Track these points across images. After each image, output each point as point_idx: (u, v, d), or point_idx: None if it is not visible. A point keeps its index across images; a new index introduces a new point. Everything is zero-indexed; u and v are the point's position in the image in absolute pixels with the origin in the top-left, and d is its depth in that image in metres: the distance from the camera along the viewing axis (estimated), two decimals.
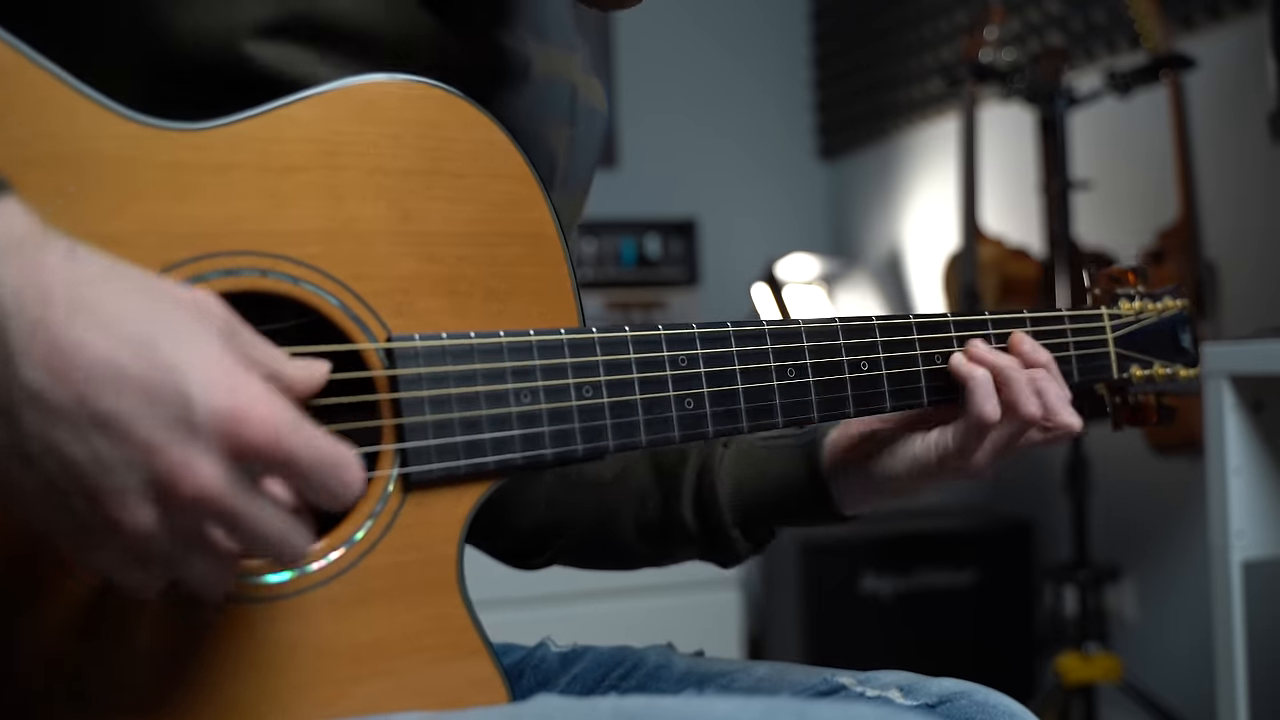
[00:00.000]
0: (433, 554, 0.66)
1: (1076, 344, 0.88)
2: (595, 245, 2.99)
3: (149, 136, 0.60)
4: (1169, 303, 0.93)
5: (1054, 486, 2.56)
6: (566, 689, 0.87)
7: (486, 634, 0.68)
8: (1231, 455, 1.48)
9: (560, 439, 0.69)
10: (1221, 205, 2.18)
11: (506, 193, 0.70)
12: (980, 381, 0.78)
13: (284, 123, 0.64)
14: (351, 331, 0.64)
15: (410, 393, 0.65)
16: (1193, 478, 2.16)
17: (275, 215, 0.63)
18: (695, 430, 0.73)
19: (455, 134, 0.69)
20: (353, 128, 0.66)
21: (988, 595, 2.70)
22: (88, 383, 0.47)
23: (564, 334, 0.70)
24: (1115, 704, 2.40)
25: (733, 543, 0.86)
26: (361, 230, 0.65)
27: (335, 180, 0.65)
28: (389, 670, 0.64)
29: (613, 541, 0.91)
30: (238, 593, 0.60)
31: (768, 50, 3.61)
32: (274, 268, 0.62)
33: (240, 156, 0.62)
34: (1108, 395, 0.93)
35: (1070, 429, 0.81)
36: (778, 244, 3.47)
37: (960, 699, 0.75)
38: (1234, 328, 2.10)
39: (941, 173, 3.05)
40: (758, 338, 0.76)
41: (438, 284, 0.68)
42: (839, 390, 0.78)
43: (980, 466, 0.81)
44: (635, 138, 3.46)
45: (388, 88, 0.67)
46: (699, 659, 0.87)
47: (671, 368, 0.73)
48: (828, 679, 0.79)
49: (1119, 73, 2.10)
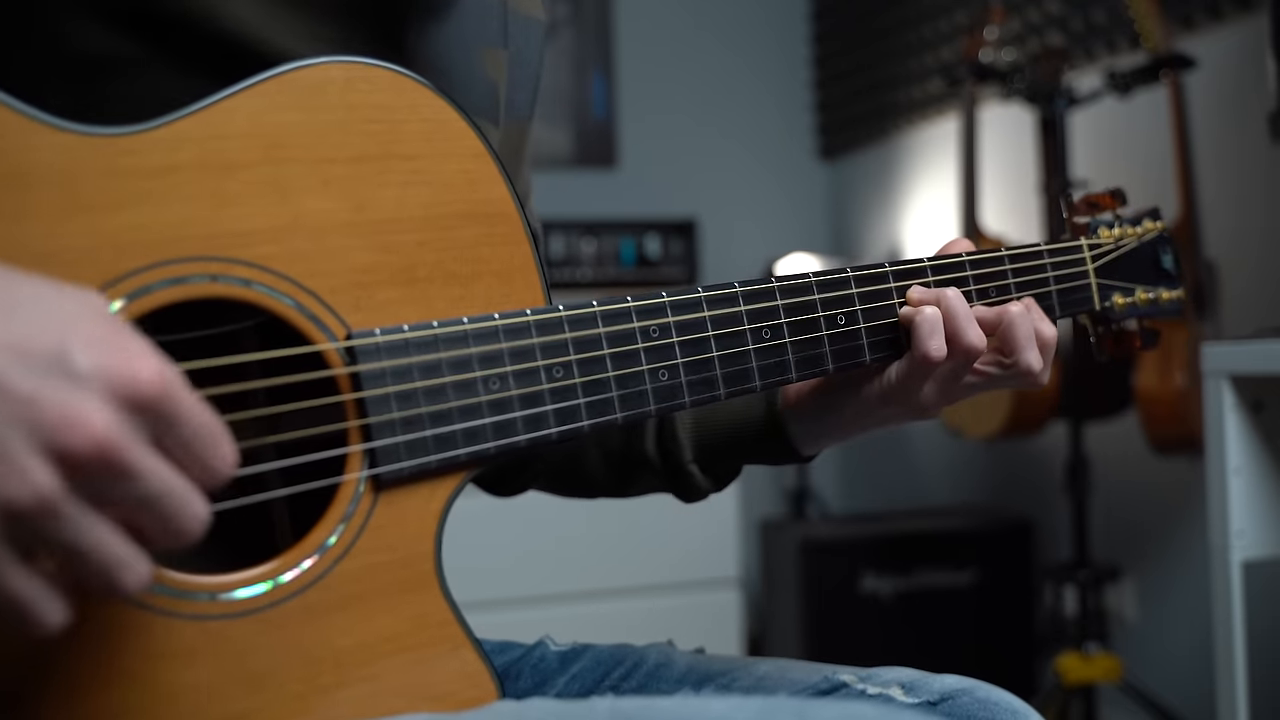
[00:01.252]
0: (409, 552, 0.65)
1: (1056, 278, 0.86)
2: (595, 245, 2.99)
3: (83, 145, 0.57)
4: (1149, 225, 0.92)
5: (1054, 486, 2.56)
6: (566, 688, 0.86)
7: (469, 626, 0.67)
8: (1231, 455, 1.48)
9: (533, 423, 0.67)
10: (1221, 205, 2.18)
11: (461, 172, 0.68)
12: (925, 318, 0.77)
13: (223, 117, 0.61)
14: (309, 331, 0.62)
15: (374, 390, 0.63)
16: (1193, 478, 2.16)
17: (222, 216, 0.60)
18: (671, 401, 0.72)
19: (404, 115, 0.66)
20: (296, 117, 0.63)
21: (988, 595, 2.70)
22: None
23: (530, 315, 0.68)
24: (1115, 704, 2.40)
25: (690, 477, 0.87)
26: (313, 224, 0.63)
27: (281, 174, 0.62)
28: (372, 674, 0.63)
29: (581, 471, 0.92)
30: (213, 610, 0.59)
31: (768, 50, 3.61)
32: (224, 272, 0.60)
33: (180, 157, 0.60)
34: (1090, 326, 0.92)
35: (1031, 369, 0.80)
36: (778, 244, 3.47)
37: (962, 696, 0.75)
38: (1234, 328, 2.10)
39: (941, 173, 3.05)
40: (730, 300, 0.74)
41: (396, 273, 0.65)
42: (816, 347, 0.77)
43: (928, 404, 0.80)
44: (635, 138, 3.46)
45: (329, 72, 0.64)
46: (699, 656, 0.87)
47: (643, 339, 0.71)
48: (829, 676, 0.79)
49: (1119, 73, 2.10)
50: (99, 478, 0.46)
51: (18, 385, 0.45)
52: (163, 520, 0.49)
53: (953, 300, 0.78)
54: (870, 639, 2.64)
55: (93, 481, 0.46)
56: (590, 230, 2.99)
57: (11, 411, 0.44)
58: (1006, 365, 0.80)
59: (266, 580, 0.61)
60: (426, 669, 0.65)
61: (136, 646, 0.57)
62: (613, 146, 3.42)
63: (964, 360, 0.78)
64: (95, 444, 0.45)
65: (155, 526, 0.49)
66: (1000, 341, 0.80)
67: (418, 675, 0.65)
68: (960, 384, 0.80)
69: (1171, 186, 2.13)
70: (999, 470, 2.96)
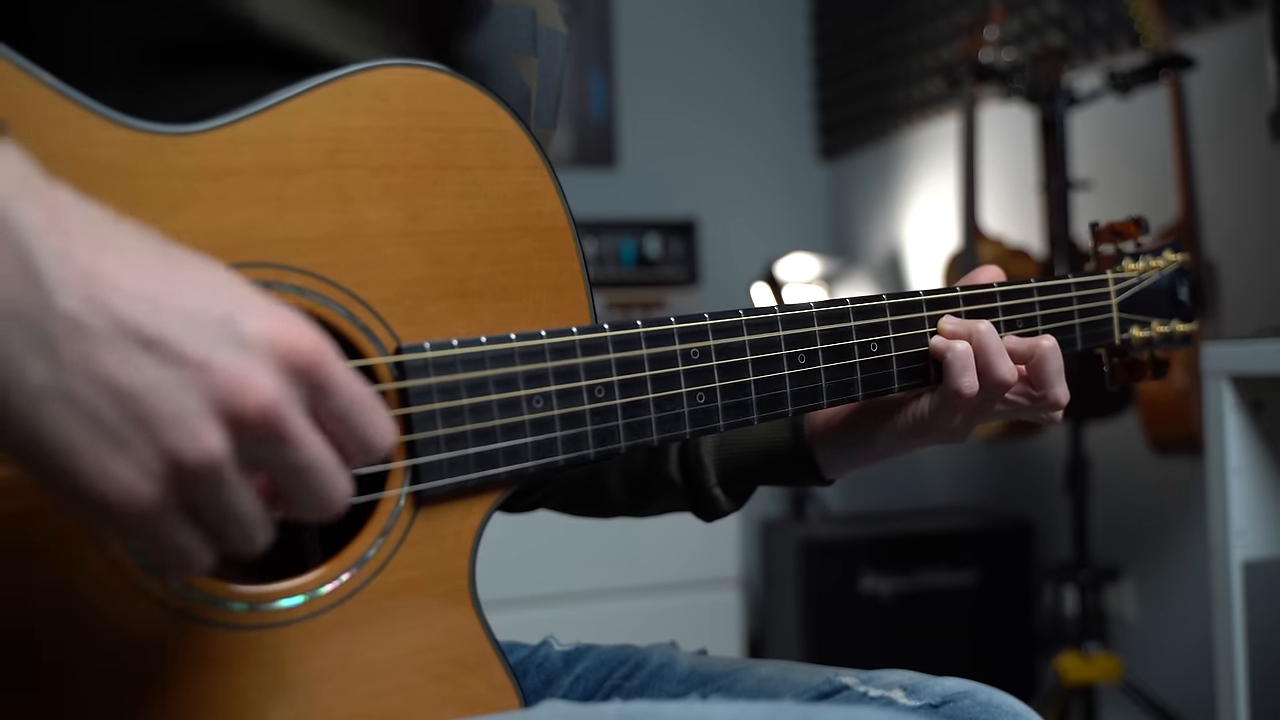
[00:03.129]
0: (445, 568, 0.65)
1: (1081, 311, 0.87)
2: (595, 245, 2.99)
3: (142, 143, 0.56)
4: (1170, 257, 0.93)
5: (1054, 486, 2.56)
6: (570, 688, 0.87)
7: (496, 640, 0.67)
8: (1231, 455, 1.48)
9: (572, 444, 0.67)
10: (1221, 205, 2.18)
11: (517, 184, 0.68)
12: (958, 354, 0.78)
13: (285, 119, 0.60)
14: (360, 342, 0.62)
15: (421, 406, 0.63)
16: (1193, 478, 2.16)
17: (280, 221, 0.60)
18: (706, 424, 0.72)
19: (463, 123, 0.66)
20: (358, 122, 0.62)
21: (988, 595, 2.70)
22: (128, 308, 0.45)
23: (576, 334, 0.68)
24: (1115, 704, 2.40)
25: (714, 500, 0.87)
26: (369, 233, 0.63)
27: (341, 180, 0.62)
28: (403, 686, 0.64)
29: (598, 492, 0.92)
30: (251, 620, 0.59)
31: (768, 50, 3.61)
32: (279, 279, 0.60)
33: (241, 160, 0.59)
34: (1105, 356, 0.93)
35: (1059, 403, 0.81)
36: (778, 244, 3.47)
37: (964, 699, 0.75)
38: (1234, 328, 2.10)
39: (941, 173, 3.05)
40: (769, 325, 0.74)
41: (448, 285, 0.65)
42: (848, 374, 0.77)
43: (957, 431, 0.81)
44: (635, 138, 3.46)
45: (393, 76, 0.64)
46: (702, 658, 0.87)
47: (683, 361, 0.71)
48: (831, 679, 0.79)
49: (1119, 73, 2.10)
50: (260, 442, 0.47)
51: (192, 350, 0.46)
52: (309, 488, 0.50)
53: (985, 335, 0.78)
54: (870, 639, 2.64)
55: (252, 446, 0.47)
56: (590, 230, 2.99)
57: (183, 375, 0.46)
58: (1035, 397, 0.81)
59: (304, 592, 0.61)
60: (457, 683, 0.65)
61: (175, 655, 0.57)
62: (613, 146, 3.42)
63: (995, 393, 0.79)
64: (262, 408, 0.46)
65: (301, 494, 0.50)
66: (1031, 374, 0.81)
67: (448, 689, 0.65)
68: (988, 412, 0.81)
69: (1171, 186, 2.13)
70: (999, 470, 2.96)
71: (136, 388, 0.45)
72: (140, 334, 0.45)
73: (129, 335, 0.45)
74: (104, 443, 0.45)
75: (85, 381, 0.45)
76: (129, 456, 0.45)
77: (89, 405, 0.45)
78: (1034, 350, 0.80)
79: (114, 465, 0.45)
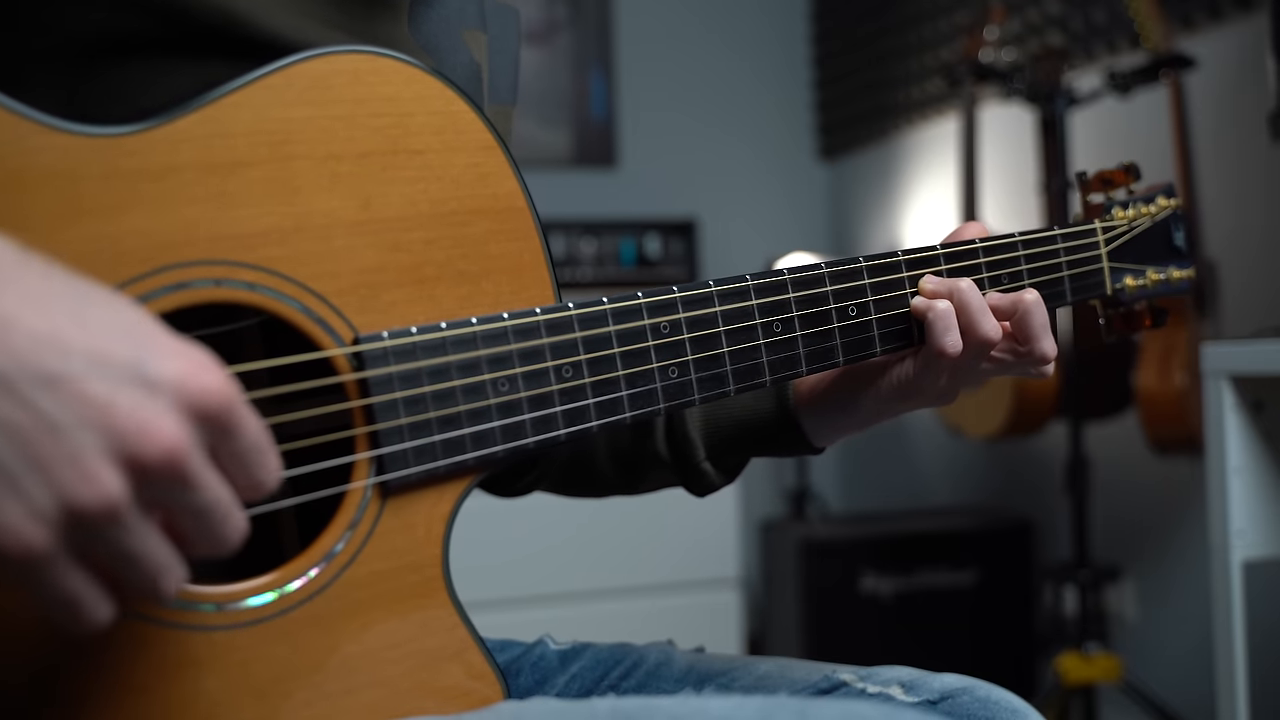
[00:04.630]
0: (417, 558, 0.65)
1: (1069, 263, 0.85)
2: (595, 245, 2.99)
3: (81, 146, 0.55)
4: (1162, 202, 0.91)
5: (1054, 486, 2.56)
6: (566, 687, 0.86)
7: (475, 628, 0.67)
8: (1231, 455, 1.48)
9: (542, 425, 0.66)
10: (1221, 205, 2.18)
11: (471, 166, 0.66)
12: (939, 313, 0.76)
13: (226, 114, 0.59)
14: (316, 335, 0.61)
15: (382, 396, 0.62)
16: (1193, 478, 2.16)
17: (226, 218, 0.59)
18: (680, 399, 0.71)
19: (411, 108, 0.64)
20: (302, 112, 0.61)
21: (988, 595, 2.70)
22: (31, 348, 0.44)
23: (540, 314, 0.66)
24: (1115, 704, 2.40)
25: (704, 475, 0.86)
26: (319, 224, 0.61)
27: (287, 172, 0.61)
28: (381, 679, 0.63)
29: (589, 472, 0.91)
30: (219, 620, 0.59)
31: (768, 50, 3.61)
32: (229, 276, 0.59)
33: (182, 157, 0.58)
34: (1100, 307, 0.91)
35: (1045, 357, 0.79)
36: (778, 244, 3.47)
37: (963, 695, 0.75)
38: (1234, 328, 2.10)
39: (941, 173, 3.05)
40: (741, 294, 0.73)
41: (404, 273, 0.64)
42: (827, 340, 0.76)
43: (944, 392, 0.80)
44: (635, 138, 3.46)
45: (336, 64, 0.62)
46: (699, 656, 0.87)
47: (653, 336, 0.70)
48: (829, 675, 0.79)
49: (1119, 73, 2.10)
50: (160, 485, 0.47)
51: (95, 390, 0.45)
52: (207, 529, 0.49)
53: (966, 292, 0.77)
54: (870, 639, 2.64)
55: (153, 488, 0.47)
56: (590, 230, 2.99)
57: (89, 416, 0.45)
58: (1021, 353, 0.80)
59: (273, 589, 0.60)
60: (434, 673, 0.65)
61: (144, 659, 0.57)
62: (613, 146, 3.42)
63: (980, 351, 0.78)
64: (165, 453, 0.46)
65: (198, 535, 0.49)
66: (1015, 329, 0.79)
67: (426, 679, 0.64)
68: (975, 371, 0.80)
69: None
70: (999, 470, 2.96)
71: (29, 428, 0.44)
72: (41, 372, 0.44)
73: (28, 374, 0.44)
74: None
75: None
76: (20, 499, 0.44)
77: None
78: (1017, 305, 0.78)
79: (8, 508, 0.44)
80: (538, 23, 3.34)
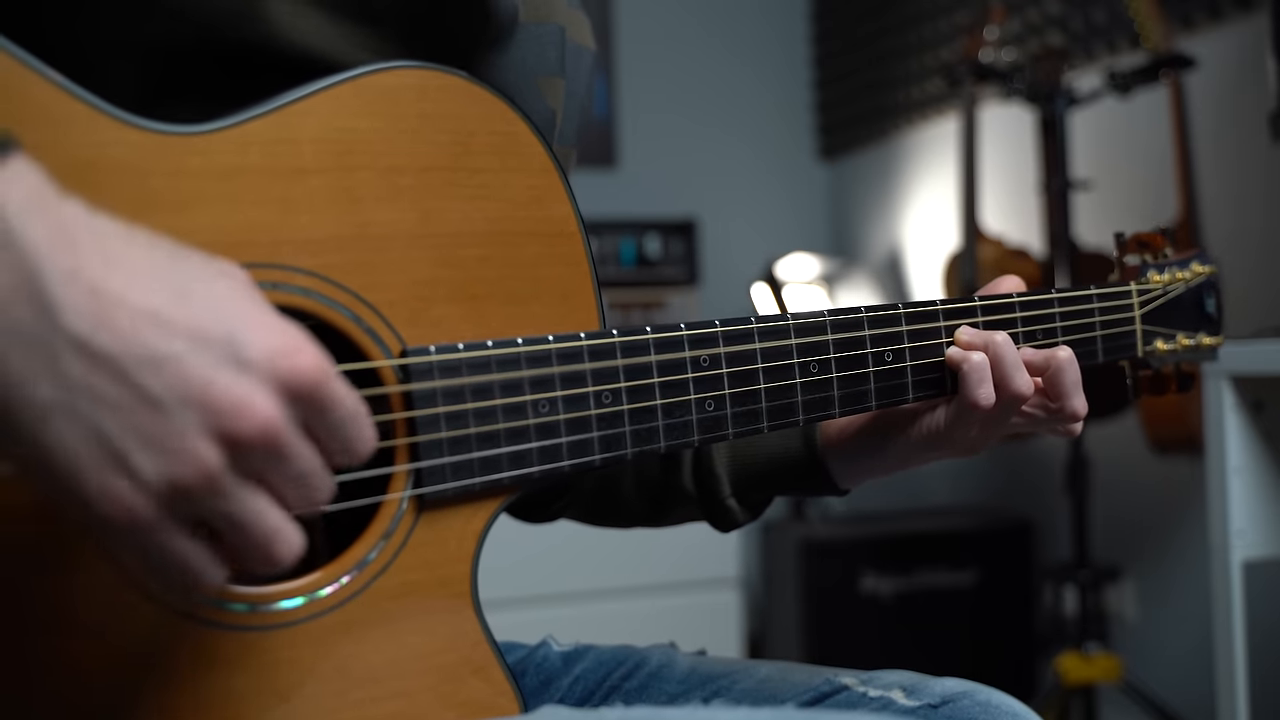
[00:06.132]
0: (447, 572, 0.65)
1: (1103, 323, 0.86)
2: (595, 245, 2.99)
3: (151, 143, 0.56)
4: (1197, 268, 0.91)
5: (1054, 486, 2.56)
6: (569, 689, 0.87)
7: (497, 644, 0.67)
8: (1231, 455, 1.49)
9: (578, 449, 0.67)
10: (1221, 205, 2.18)
11: (528, 188, 0.68)
12: (974, 365, 0.77)
13: (293, 120, 0.60)
14: (365, 345, 0.62)
15: (425, 410, 0.62)
16: (1193, 478, 2.16)
17: (286, 223, 0.60)
18: (714, 433, 0.71)
19: (475, 126, 0.65)
20: (367, 124, 0.62)
21: (988, 595, 2.70)
22: (133, 327, 0.46)
23: (584, 339, 0.67)
24: (1115, 704, 2.40)
25: (729, 511, 0.87)
26: (377, 235, 0.62)
27: (350, 182, 0.62)
28: (404, 690, 0.64)
29: (615, 501, 0.92)
30: (251, 621, 0.59)
31: (768, 50, 3.61)
32: (285, 280, 0.60)
33: (248, 160, 0.59)
34: (1128, 369, 0.92)
35: (1077, 415, 0.79)
36: (778, 244, 3.47)
37: (963, 699, 0.75)
38: (1234, 328, 2.10)
39: (941, 173, 3.05)
40: (781, 333, 0.73)
41: (455, 289, 0.65)
42: (862, 384, 0.76)
43: (974, 443, 0.80)
44: (635, 138, 3.46)
45: (404, 78, 0.63)
46: (701, 658, 0.87)
47: (693, 369, 0.70)
48: (830, 679, 0.79)
49: (1119, 73, 2.10)
50: (256, 457, 0.49)
51: (194, 369, 0.47)
52: (301, 496, 0.51)
53: (1002, 346, 0.77)
54: (870, 639, 2.64)
55: (249, 459, 0.49)
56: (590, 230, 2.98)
57: (185, 393, 0.47)
58: (1052, 409, 0.80)
59: (304, 594, 0.61)
60: (457, 686, 0.65)
61: (178, 654, 0.57)
62: (613, 146, 3.42)
63: (1011, 405, 0.78)
64: (261, 431, 0.48)
65: (295, 500, 0.52)
66: (1047, 386, 0.80)
67: (448, 692, 0.65)
68: (1005, 424, 0.80)
69: (1171, 186, 2.13)
70: (999, 470, 2.96)
71: (136, 405, 0.46)
72: (145, 354, 0.47)
73: (133, 353, 0.46)
74: (106, 460, 0.46)
75: (90, 399, 0.46)
76: (125, 472, 0.47)
77: (93, 422, 0.46)
78: (1050, 362, 0.79)
79: (115, 483, 0.47)
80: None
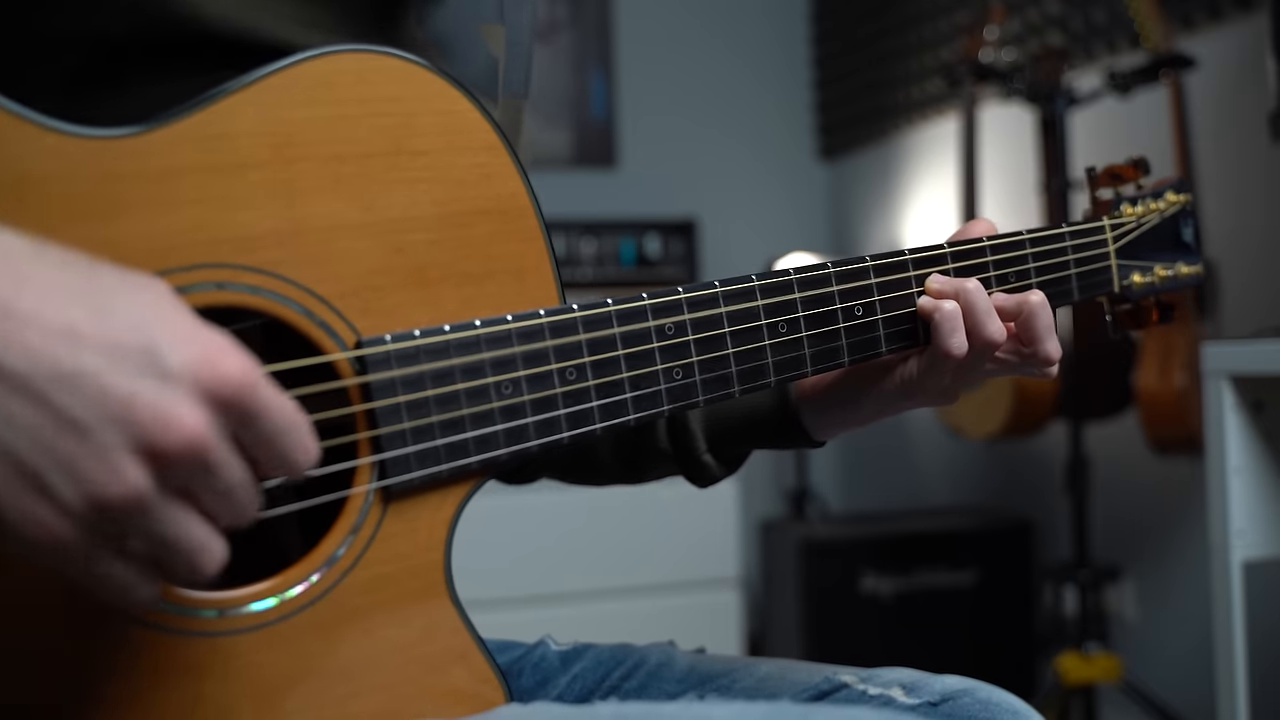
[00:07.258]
0: (419, 562, 0.64)
1: (1077, 260, 0.85)
2: (595, 245, 2.99)
3: (80, 149, 0.54)
4: (1171, 198, 0.90)
5: (1054, 486, 2.56)
6: (567, 688, 0.86)
7: (477, 631, 0.66)
8: (1231, 455, 1.48)
9: (545, 428, 0.66)
10: (1221, 205, 2.18)
11: (475, 166, 0.66)
12: (945, 314, 0.76)
13: (228, 115, 0.58)
14: (319, 338, 0.61)
15: (384, 401, 0.61)
16: (1193, 478, 2.16)
17: (228, 220, 0.58)
18: (685, 400, 0.71)
19: (416, 107, 0.63)
20: (305, 113, 0.60)
21: (988, 595, 2.70)
22: (45, 345, 0.44)
23: (544, 315, 0.66)
24: (1115, 704, 2.40)
25: (705, 467, 0.86)
26: (322, 226, 0.61)
27: (290, 174, 0.60)
28: (384, 684, 0.63)
29: (591, 461, 0.91)
30: (221, 626, 0.58)
31: (768, 50, 3.61)
32: (231, 279, 0.58)
33: (183, 159, 0.57)
34: (1107, 304, 0.91)
35: (1050, 359, 0.79)
36: (778, 244, 3.47)
37: (963, 696, 0.75)
38: (1234, 328, 2.10)
39: (941, 173, 3.05)
40: (747, 295, 0.72)
41: (408, 275, 0.63)
42: (833, 340, 0.75)
43: (947, 391, 0.80)
44: (635, 138, 3.46)
45: (341, 63, 0.61)
46: (700, 657, 0.87)
47: (658, 338, 0.69)
48: (830, 677, 0.79)
49: (1119, 73, 2.10)
50: (183, 472, 0.47)
51: (115, 385, 0.45)
52: (227, 510, 0.50)
53: (973, 293, 0.77)
54: (870, 639, 2.64)
55: (176, 474, 0.47)
56: (590, 230, 2.99)
57: (106, 410, 0.45)
58: (1025, 354, 0.80)
59: (274, 595, 0.60)
60: (438, 677, 0.65)
61: (145, 665, 0.57)
62: (613, 146, 3.42)
63: (984, 352, 0.77)
64: (188, 443, 0.46)
65: (222, 513, 0.50)
66: (1019, 331, 0.79)
67: (429, 683, 0.64)
68: (978, 371, 0.79)
69: None
70: (999, 470, 2.96)
71: (53, 428, 0.45)
72: (59, 372, 0.45)
73: (45, 372, 0.44)
74: (24, 486, 0.45)
75: (3, 424, 0.44)
76: (47, 497, 0.45)
77: (9, 447, 0.44)
78: (1022, 307, 0.78)
79: (35, 509, 0.45)
80: (538, 23, 3.34)
